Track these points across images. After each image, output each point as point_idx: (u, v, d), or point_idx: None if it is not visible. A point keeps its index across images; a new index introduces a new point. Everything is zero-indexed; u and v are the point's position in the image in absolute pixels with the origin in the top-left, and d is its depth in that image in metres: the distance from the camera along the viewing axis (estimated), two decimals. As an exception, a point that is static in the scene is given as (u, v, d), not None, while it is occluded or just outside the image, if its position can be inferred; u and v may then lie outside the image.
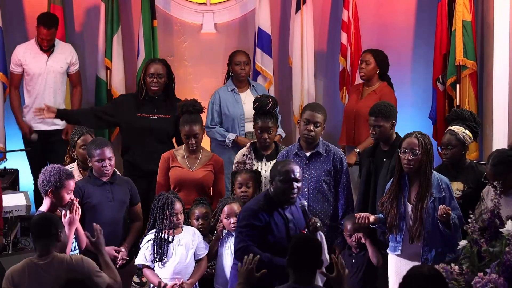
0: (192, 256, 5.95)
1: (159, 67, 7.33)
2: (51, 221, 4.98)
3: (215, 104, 7.71)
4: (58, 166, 5.61)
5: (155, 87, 7.30)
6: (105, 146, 6.07)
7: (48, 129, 7.86)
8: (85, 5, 8.49)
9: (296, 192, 5.49)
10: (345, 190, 6.30)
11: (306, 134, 6.25)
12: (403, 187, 5.72)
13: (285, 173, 5.43)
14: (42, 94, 7.82)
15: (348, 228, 6.11)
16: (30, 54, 7.84)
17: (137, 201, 6.29)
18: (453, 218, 5.52)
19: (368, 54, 7.65)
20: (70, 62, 7.91)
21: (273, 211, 5.46)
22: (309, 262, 4.51)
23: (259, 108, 6.56)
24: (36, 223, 5.00)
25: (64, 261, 4.87)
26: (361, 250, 6.15)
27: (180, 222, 5.98)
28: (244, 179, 6.26)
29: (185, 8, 8.65)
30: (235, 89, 7.75)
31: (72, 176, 5.63)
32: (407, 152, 5.63)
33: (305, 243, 4.59)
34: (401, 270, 5.73)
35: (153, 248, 5.91)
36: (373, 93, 7.61)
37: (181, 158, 6.62)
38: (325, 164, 6.27)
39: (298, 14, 8.21)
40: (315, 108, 6.34)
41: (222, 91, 7.78)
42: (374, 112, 6.21)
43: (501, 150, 5.89)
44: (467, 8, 7.91)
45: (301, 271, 4.50)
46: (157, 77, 7.29)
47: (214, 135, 7.66)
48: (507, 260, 4.76)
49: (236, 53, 7.83)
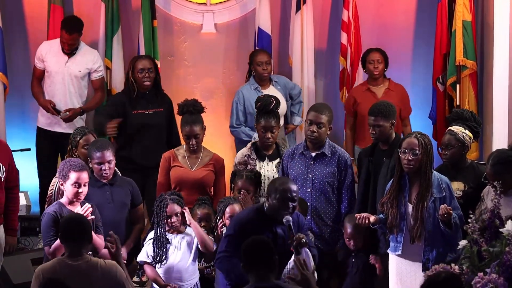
0: (192, 258, 5.93)
1: (146, 63, 7.42)
2: (82, 223, 4.97)
3: (239, 104, 7.73)
4: (69, 159, 5.81)
5: (148, 81, 7.38)
6: (106, 149, 6.04)
7: (62, 131, 7.82)
8: (85, 5, 8.48)
9: (291, 212, 5.39)
10: (348, 192, 6.29)
11: (309, 135, 6.24)
12: (404, 187, 5.71)
13: (281, 192, 5.33)
14: (58, 94, 7.78)
15: (348, 232, 6.10)
16: (52, 52, 7.82)
17: (139, 202, 6.27)
18: (454, 218, 5.52)
19: (377, 53, 7.74)
20: (91, 68, 7.84)
21: (263, 226, 5.37)
22: (262, 261, 4.63)
23: (262, 108, 6.55)
24: (66, 224, 4.97)
25: (99, 266, 4.86)
26: (361, 251, 6.14)
27: (175, 224, 5.93)
28: (244, 185, 6.22)
29: (185, 8, 8.65)
30: (258, 87, 7.75)
31: (81, 168, 5.68)
32: (407, 152, 5.63)
33: (254, 243, 4.71)
34: (401, 270, 5.74)
35: (153, 247, 5.92)
36: (389, 91, 7.74)
37: (182, 158, 6.62)
38: (330, 165, 6.26)
39: (298, 14, 8.22)
40: (319, 109, 6.32)
41: (246, 90, 7.78)
42: (373, 111, 6.21)
43: (501, 150, 5.88)
44: (467, 8, 7.91)
45: (257, 271, 4.61)
46: (148, 71, 7.38)
47: (240, 134, 7.68)
48: (507, 260, 4.76)
49: (258, 53, 7.83)
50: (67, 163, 5.75)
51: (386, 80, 7.82)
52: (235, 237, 5.36)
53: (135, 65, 7.41)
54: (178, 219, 5.93)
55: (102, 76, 7.96)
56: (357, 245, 6.10)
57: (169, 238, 5.93)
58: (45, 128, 7.86)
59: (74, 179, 5.68)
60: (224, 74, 8.58)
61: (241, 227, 5.37)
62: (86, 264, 4.85)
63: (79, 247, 4.88)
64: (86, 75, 7.85)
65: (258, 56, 7.77)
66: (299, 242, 5.26)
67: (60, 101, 7.74)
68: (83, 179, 5.71)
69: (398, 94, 7.75)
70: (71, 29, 7.69)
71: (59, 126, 7.80)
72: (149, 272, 5.94)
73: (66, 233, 4.93)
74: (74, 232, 4.90)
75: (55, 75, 7.78)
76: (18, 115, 8.09)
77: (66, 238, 4.92)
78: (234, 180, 6.35)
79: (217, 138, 8.06)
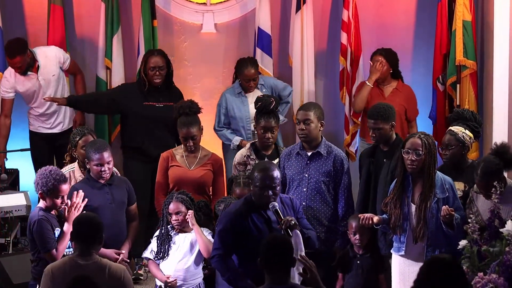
0: (194, 258, 5.93)
1: (158, 60, 7.54)
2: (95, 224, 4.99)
3: (222, 107, 7.78)
4: (50, 170, 5.65)
5: (158, 79, 7.56)
6: (104, 150, 6.04)
7: (53, 132, 7.86)
8: (85, 5, 8.48)
9: (274, 198, 5.37)
10: (345, 192, 6.29)
11: (299, 133, 6.30)
12: (407, 187, 5.71)
13: (260, 180, 5.34)
14: (48, 104, 7.80)
15: (353, 226, 6.08)
16: (18, 76, 7.78)
17: (133, 201, 6.28)
18: (456, 219, 5.51)
19: (380, 56, 7.75)
20: (59, 62, 7.87)
21: (253, 214, 5.38)
22: (281, 261, 4.53)
23: (262, 108, 6.56)
24: (79, 224, 5.00)
25: (106, 268, 4.89)
26: (365, 252, 6.13)
27: (175, 222, 5.94)
28: (242, 193, 6.11)
29: (185, 8, 8.65)
30: (242, 92, 7.77)
31: (64, 180, 5.65)
32: (410, 153, 5.62)
33: (275, 243, 4.61)
34: (404, 271, 5.74)
35: (157, 244, 5.95)
36: (396, 91, 7.77)
37: (180, 157, 6.63)
38: (326, 165, 6.27)
39: (298, 14, 8.21)
40: (304, 106, 6.43)
41: (229, 94, 7.81)
42: (373, 115, 6.20)
43: (488, 159, 5.65)
44: (467, 8, 7.91)
45: (275, 271, 4.52)
46: (159, 69, 7.53)
47: (221, 137, 7.79)
48: (507, 260, 4.76)
49: (245, 66, 7.70)
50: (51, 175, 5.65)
51: (395, 80, 7.85)
52: (227, 231, 5.37)
53: (148, 61, 7.56)
54: (179, 218, 5.94)
55: (70, 58, 7.97)
56: (363, 240, 6.09)
57: (172, 236, 5.95)
58: (36, 131, 7.91)
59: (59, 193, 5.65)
60: (224, 74, 8.57)
61: (231, 220, 5.38)
62: (95, 265, 4.88)
63: (89, 247, 4.92)
64: (60, 71, 7.87)
65: (246, 71, 7.68)
66: (289, 225, 5.26)
67: (52, 108, 7.82)
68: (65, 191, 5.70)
69: (404, 95, 7.78)
70: (11, 54, 7.65)
71: (47, 128, 7.87)
72: (152, 269, 5.99)
73: (78, 233, 4.97)
74: (86, 232, 4.93)
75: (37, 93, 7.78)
76: (18, 115, 8.07)
77: (78, 237, 4.96)
78: (231, 186, 6.34)
79: (216, 138, 8.05)
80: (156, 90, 7.58)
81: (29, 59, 7.70)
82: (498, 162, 5.52)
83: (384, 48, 7.86)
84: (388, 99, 7.62)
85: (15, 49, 7.66)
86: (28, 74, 7.74)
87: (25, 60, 7.67)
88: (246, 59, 7.84)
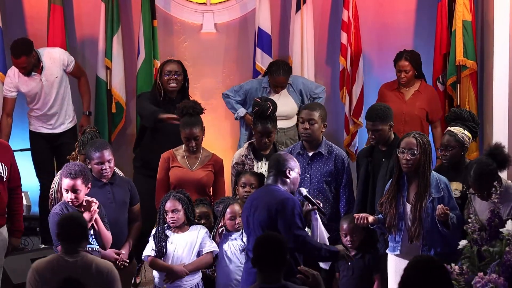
0: (193, 257, 5.93)
1: (174, 66, 7.40)
2: (78, 223, 5.03)
3: (244, 89, 7.77)
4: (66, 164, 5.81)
5: (174, 83, 7.33)
6: (104, 148, 6.05)
7: (54, 132, 7.86)
8: (85, 5, 8.49)
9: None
10: (346, 191, 6.31)
11: (302, 132, 6.31)
12: (402, 187, 5.72)
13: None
14: (49, 105, 7.81)
15: (344, 227, 6.11)
16: (23, 77, 7.76)
17: (136, 202, 6.28)
18: (451, 218, 5.52)
19: (406, 62, 7.69)
20: (63, 64, 7.85)
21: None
22: (273, 260, 4.55)
23: (259, 113, 6.54)
24: (63, 224, 5.04)
25: (93, 264, 4.93)
26: (357, 252, 6.13)
27: (170, 220, 5.94)
28: (248, 180, 6.22)
29: (185, 8, 8.65)
30: (268, 88, 7.74)
31: (68, 175, 5.69)
32: (405, 152, 5.63)
33: (267, 242, 4.63)
34: (400, 270, 5.65)
35: (154, 242, 5.95)
36: (418, 93, 7.75)
37: (181, 158, 6.62)
38: (327, 165, 6.28)
39: (298, 14, 8.21)
40: (309, 106, 6.44)
41: (257, 84, 7.79)
42: (371, 117, 6.20)
43: (480, 161, 5.59)
44: (467, 8, 7.91)
45: (267, 270, 4.55)
46: (175, 74, 7.35)
47: (227, 104, 7.82)
48: (507, 260, 4.76)
49: (277, 73, 7.64)
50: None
51: (417, 82, 7.80)
52: (301, 214, 5.37)
53: (163, 67, 7.39)
54: (175, 216, 5.93)
55: (74, 61, 7.94)
56: (354, 242, 6.09)
57: (169, 235, 5.95)
58: (36, 131, 7.90)
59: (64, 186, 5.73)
60: (224, 74, 8.58)
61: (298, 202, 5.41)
62: (81, 262, 4.92)
63: (75, 246, 4.96)
64: (63, 74, 7.86)
65: (277, 77, 7.63)
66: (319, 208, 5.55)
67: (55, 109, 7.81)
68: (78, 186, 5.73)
69: (426, 96, 7.74)
70: (17, 54, 7.62)
71: (48, 129, 7.86)
72: (156, 264, 5.93)
73: (62, 233, 5.01)
74: (71, 231, 4.97)
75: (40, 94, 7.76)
76: (18, 115, 8.07)
77: (63, 237, 5.01)
78: (238, 178, 6.33)
79: (217, 138, 8.05)
80: (170, 102, 7.32)
81: (34, 60, 7.69)
82: (491, 163, 5.48)
83: (408, 51, 7.79)
84: (409, 103, 7.65)
85: (21, 49, 7.64)
86: (32, 75, 7.74)
87: (30, 61, 7.65)
88: (280, 65, 7.74)
